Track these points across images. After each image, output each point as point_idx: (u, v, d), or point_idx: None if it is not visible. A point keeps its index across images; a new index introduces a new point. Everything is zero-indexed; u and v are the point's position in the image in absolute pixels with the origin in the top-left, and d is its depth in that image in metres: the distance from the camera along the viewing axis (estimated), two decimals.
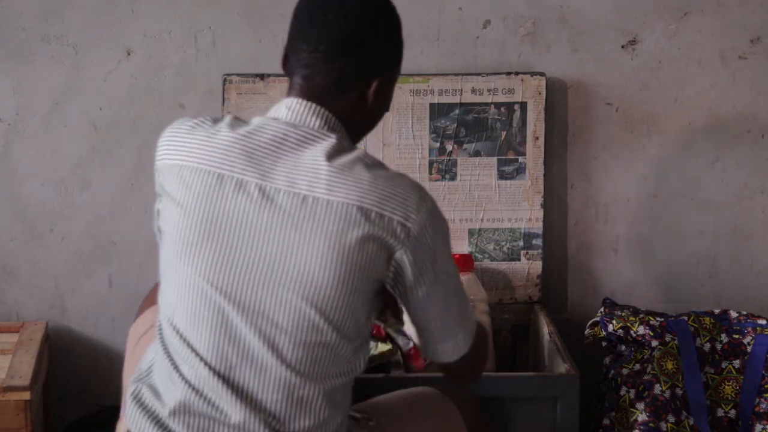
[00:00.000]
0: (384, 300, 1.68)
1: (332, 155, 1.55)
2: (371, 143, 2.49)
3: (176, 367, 1.58)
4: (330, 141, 1.57)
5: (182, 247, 1.56)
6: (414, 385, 2.03)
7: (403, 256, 1.55)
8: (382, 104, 1.67)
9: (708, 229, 2.64)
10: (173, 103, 2.51)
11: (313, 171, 1.54)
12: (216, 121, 1.62)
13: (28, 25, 2.46)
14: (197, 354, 1.56)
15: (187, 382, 1.57)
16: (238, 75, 2.46)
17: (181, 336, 1.58)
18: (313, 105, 1.59)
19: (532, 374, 2.17)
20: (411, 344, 1.85)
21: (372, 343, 2.09)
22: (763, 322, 2.36)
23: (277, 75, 2.46)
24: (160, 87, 2.50)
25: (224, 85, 2.45)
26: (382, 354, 2.08)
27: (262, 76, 2.45)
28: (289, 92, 1.63)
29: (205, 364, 1.56)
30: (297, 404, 1.57)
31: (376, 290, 1.59)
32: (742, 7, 2.53)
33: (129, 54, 2.49)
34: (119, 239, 2.56)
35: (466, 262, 2.42)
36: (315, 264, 1.52)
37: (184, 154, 1.59)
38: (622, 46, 2.54)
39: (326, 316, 1.54)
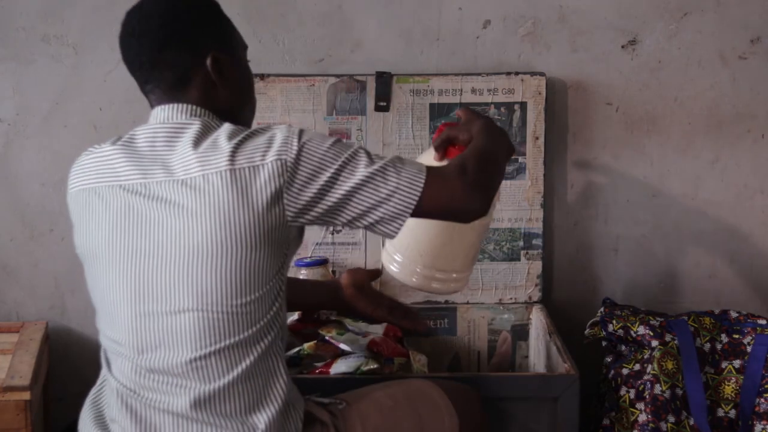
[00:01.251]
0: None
1: (198, 139, 1.63)
2: (371, 143, 2.48)
3: (112, 373, 1.74)
4: (194, 127, 1.65)
5: (98, 261, 1.71)
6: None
7: (291, 187, 1.59)
8: (235, 79, 1.75)
9: (708, 229, 2.64)
10: None
11: (184, 158, 1.62)
12: (100, 144, 1.75)
13: (28, 25, 2.46)
14: (123, 355, 1.70)
15: (119, 383, 1.71)
16: None
17: (110, 340, 1.75)
18: (170, 104, 1.70)
19: (532, 374, 2.17)
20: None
21: (362, 359, 2.10)
22: (763, 322, 2.36)
23: (277, 75, 2.46)
24: None
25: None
26: (372, 371, 2.08)
27: (262, 76, 2.45)
28: (152, 105, 1.75)
29: (130, 361, 1.69)
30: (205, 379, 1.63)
31: (278, 238, 1.62)
32: (742, 7, 2.53)
33: None
34: None
35: None
36: (205, 234, 1.59)
37: (79, 179, 1.73)
38: (622, 46, 2.54)
39: (223, 282, 1.60)
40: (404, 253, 1.93)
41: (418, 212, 1.63)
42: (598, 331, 2.39)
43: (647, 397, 2.26)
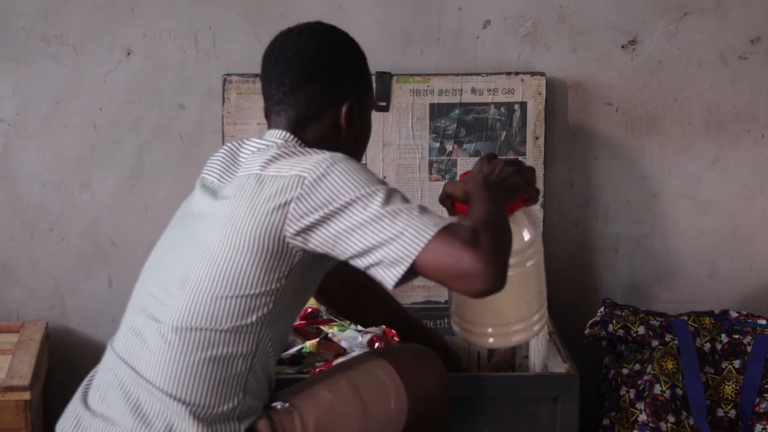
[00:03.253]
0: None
1: (265, 151, 1.72)
2: (371, 143, 2.47)
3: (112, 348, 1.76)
4: (275, 147, 1.72)
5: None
6: None
7: (298, 205, 1.62)
8: (358, 130, 1.80)
9: (708, 229, 2.64)
10: (173, 103, 2.51)
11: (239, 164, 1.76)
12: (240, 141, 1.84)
13: (28, 25, 2.46)
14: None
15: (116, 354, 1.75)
16: (238, 75, 2.45)
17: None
18: (290, 134, 1.75)
19: (532, 374, 2.17)
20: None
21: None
22: (763, 322, 2.36)
23: None
24: (160, 87, 2.50)
25: (224, 85, 2.45)
26: None
27: None
28: (270, 127, 1.80)
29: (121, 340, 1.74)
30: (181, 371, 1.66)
31: (275, 251, 1.64)
32: (742, 7, 2.53)
33: (129, 54, 2.49)
34: (119, 239, 2.56)
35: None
36: (211, 227, 1.67)
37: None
38: (622, 46, 2.54)
39: (206, 271, 1.66)
40: (469, 318, 1.92)
41: (421, 267, 1.56)
42: (598, 331, 2.39)
43: (647, 397, 2.26)
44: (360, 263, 1.61)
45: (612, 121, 2.58)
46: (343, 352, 2.14)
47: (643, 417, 2.25)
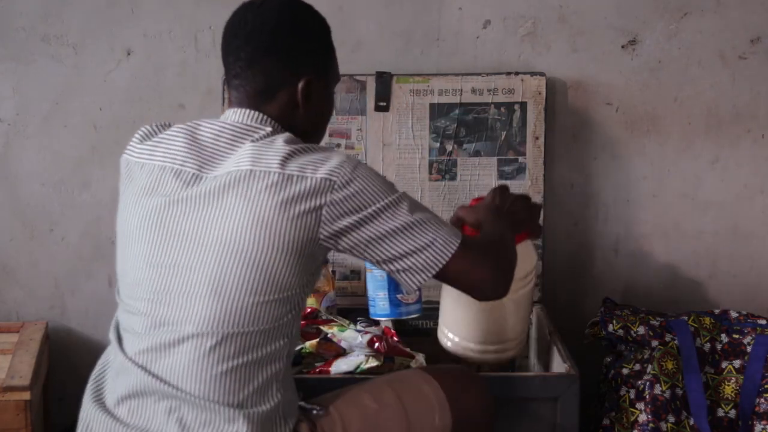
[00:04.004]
0: None
1: (258, 139, 1.68)
2: (371, 143, 2.49)
3: (125, 354, 1.68)
4: (262, 132, 1.69)
5: (137, 228, 1.70)
6: None
7: (331, 209, 1.61)
8: (317, 108, 1.77)
9: (708, 229, 2.64)
10: (173, 103, 2.51)
11: (242, 152, 1.66)
12: (168, 125, 1.77)
13: (28, 25, 2.46)
14: (138, 333, 1.68)
15: (132, 361, 1.67)
16: None
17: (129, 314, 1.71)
18: (248, 110, 1.72)
19: (532, 374, 2.17)
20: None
21: (362, 357, 2.10)
22: (763, 322, 2.36)
23: None
24: (160, 87, 2.51)
25: (224, 85, 2.45)
26: (372, 369, 2.08)
27: None
28: (229, 105, 1.76)
29: (143, 344, 1.66)
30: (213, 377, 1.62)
31: (310, 253, 1.64)
32: (742, 7, 2.53)
33: (129, 54, 2.49)
34: None
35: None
36: (237, 228, 1.61)
37: (134, 149, 1.76)
38: (622, 46, 2.54)
39: (245, 281, 1.61)
40: (456, 332, 2.10)
41: (442, 274, 1.68)
42: (598, 331, 2.39)
43: (647, 397, 2.26)
44: (387, 268, 1.68)
45: (612, 121, 2.58)
46: (342, 352, 2.14)
47: (643, 417, 2.25)
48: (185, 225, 1.65)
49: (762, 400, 2.28)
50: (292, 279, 1.64)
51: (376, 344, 2.11)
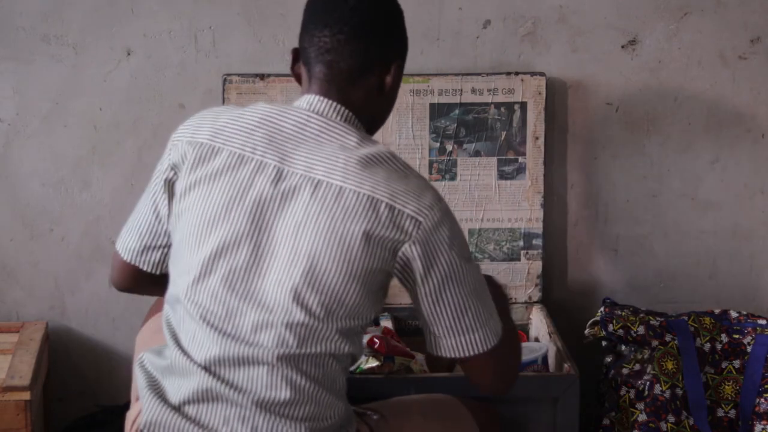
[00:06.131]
0: None
1: (351, 148, 1.58)
2: None
3: (188, 355, 1.61)
4: (350, 135, 1.60)
5: (204, 222, 1.59)
6: (416, 386, 2.04)
7: (411, 249, 1.57)
8: (395, 94, 1.70)
9: (708, 229, 2.64)
10: (173, 103, 2.51)
11: (331, 159, 1.57)
12: (243, 106, 1.66)
13: (28, 25, 2.46)
14: (203, 342, 1.60)
15: (199, 365, 1.60)
16: (238, 75, 2.46)
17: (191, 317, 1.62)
18: (333, 102, 1.62)
19: (532, 374, 2.17)
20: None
21: (362, 357, 2.10)
22: (763, 322, 2.36)
23: (277, 75, 2.46)
24: (160, 87, 2.50)
25: (224, 85, 2.45)
26: (371, 369, 2.08)
27: (262, 76, 2.45)
28: (309, 88, 1.65)
29: (213, 349, 1.59)
30: (285, 384, 1.58)
31: (382, 281, 1.60)
32: (742, 7, 2.53)
33: (129, 54, 2.49)
34: None
35: None
36: (320, 248, 1.55)
37: (209, 135, 1.62)
38: (622, 46, 2.54)
39: (322, 300, 1.56)
40: None
41: (462, 362, 1.66)
42: (598, 331, 2.39)
43: (647, 397, 2.26)
44: (420, 321, 1.66)
45: (612, 121, 2.58)
46: None
47: (643, 417, 2.25)
48: (265, 227, 1.57)
49: (762, 400, 2.28)
50: (368, 309, 1.61)
51: (376, 344, 2.11)
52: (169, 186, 1.66)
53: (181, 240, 1.63)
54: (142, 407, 1.65)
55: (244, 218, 1.57)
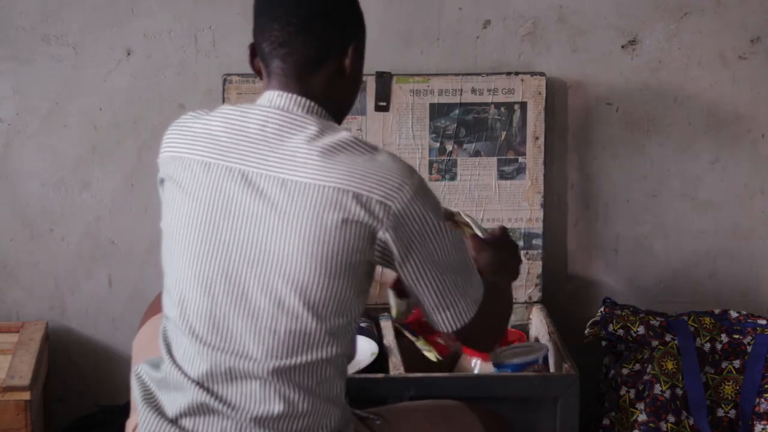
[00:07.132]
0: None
1: (312, 139, 1.56)
2: (372, 143, 2.48)
3: (181, 370, 1.61)
4: (311, 126, 1.58)
5: (180, 237, 1.60)
6: (416, 386, 2.04)
7: (386, 235, 1.55)
8: (358, 75, 1.68)
9: (708, 229, 2.64)
10: (173, 103, 2.51)
11: (295, 155, 1.55)
12: (209, 111, 1.65)
13: (28, 25, 2.46)
14: (196, 351, 1.59)
15: (192, 380, 1.59)
16: (238, 75, 2.46)
17: (185, 328, 1.61)
18: (293, 95, 1.60)
19: (532, 374, 2.17)
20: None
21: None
22: (763, 322, 2.36)
23: None
24: (160, 87, 2.51)
25: (224, 85, 2.45)
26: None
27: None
28: (269, 83, 1.64)
29: (203, 365, 1.58)
30: (275, 393, 1.57)
31: (365, 272, 1.59)
32: (742, 7, 2.53)
33: (129, 54, 2.49)
34: (119, 239, 2.56)
35: None
36: (296, 248, 1.53)
37: (180, 147, 1.64)
38: (622, 46, 2.54)
39: (306, 300, 1.55)
40: None
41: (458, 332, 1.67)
42: (598, 331, 2.39)
43: (647, 397, 2.26)
44: (406, 286, 1.64)
45: (612, 121, 2.58)
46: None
47: (643, 417, 2.26)
48: (238, 233, 1.56)
49: (762, 400, 2.28)
50: (356, 304, 1.60)
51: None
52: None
53: (165, 256, 1.65)
54: (138, 421, 1.65)
55: (217, 227, 1.57)
